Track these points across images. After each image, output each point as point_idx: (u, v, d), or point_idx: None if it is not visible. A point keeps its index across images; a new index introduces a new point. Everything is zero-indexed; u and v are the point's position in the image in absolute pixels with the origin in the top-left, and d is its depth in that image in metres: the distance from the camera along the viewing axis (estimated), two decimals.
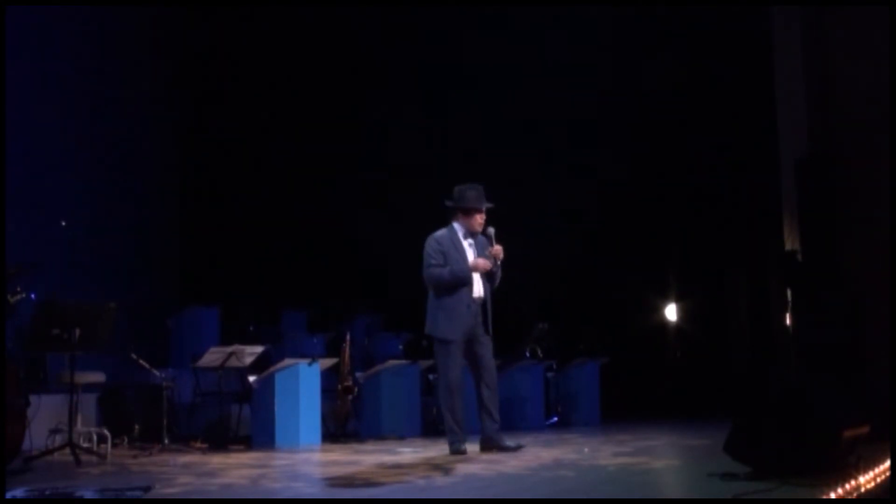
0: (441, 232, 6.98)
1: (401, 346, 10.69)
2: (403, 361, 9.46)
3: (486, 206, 6.98)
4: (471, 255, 6.93)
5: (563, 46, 12.92)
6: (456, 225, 7.00)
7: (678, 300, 13.51)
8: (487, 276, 6.98)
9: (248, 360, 8.27)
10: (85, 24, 10.88)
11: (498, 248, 6.92)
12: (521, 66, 13.20)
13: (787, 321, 8.66)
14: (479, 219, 6.97)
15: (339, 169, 13.37)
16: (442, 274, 6.81)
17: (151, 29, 11.81)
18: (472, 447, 6.81)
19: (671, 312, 13.57)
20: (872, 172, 8.17)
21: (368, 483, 5.24)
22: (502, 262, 6.97)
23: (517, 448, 6.82)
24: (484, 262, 6.88)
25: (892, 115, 7.83)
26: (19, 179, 9.21)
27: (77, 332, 6.62)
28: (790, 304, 8.59)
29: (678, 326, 13.55)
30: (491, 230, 6.95)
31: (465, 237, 6.95)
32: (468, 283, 6.84)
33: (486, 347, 6.92)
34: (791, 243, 8.89)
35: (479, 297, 6.91)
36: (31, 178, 9.70)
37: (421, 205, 7.11)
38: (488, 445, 6.83)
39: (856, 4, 8.45)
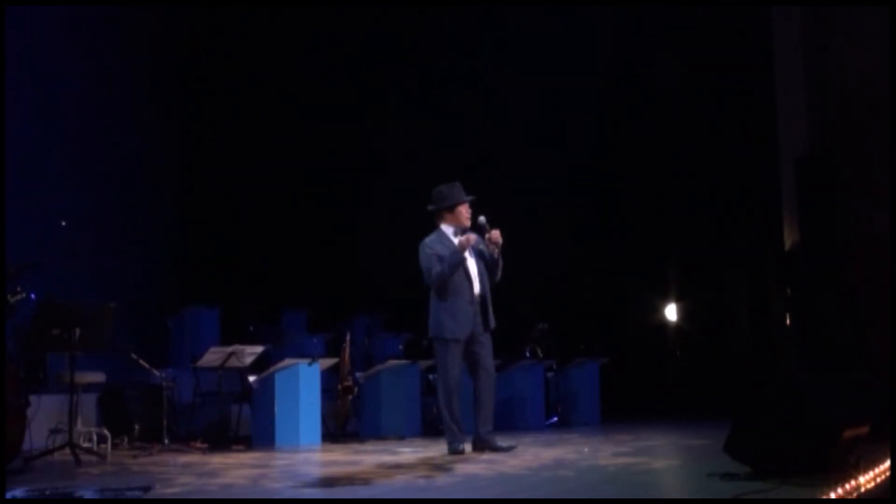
0: (430, 237, 6.94)
1: (401, 346, 10.68)
2: (403, 361, 9.46)
3: (467, 198, 6.94)
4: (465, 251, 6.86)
5: (562, 46, 12.92)
6: (443, 227, 6.96)
7: (678, 300, 13.51)
8: (490, 269, 6.94)
9: (248, 360, 8.27)
10: (86, 23, 10.86)
11: (496, 233, 6.81)
12: (521, 67, 13.20)
13: (787, 321, 8.66)
14: (465, 211, 6.92)
15: (339, 169, 13.36)
16: (441, 270, 6.75)
17: (153, 27, 11.79)
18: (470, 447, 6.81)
19: (671, 312, 13.57)
20: (872, 172, 8.16)
21: (368, 483, 5.23)
22: (503, 249, 6.84)
23: (509, 449, 6.79)
24: (466, 238, 6.79)
25: (892, 115, 7.82)
26: (19, 179, 9.19)
27: (77, 332, 6.62)
28: (790, 303, 8.59)
29: (678, 326, 13.55)
30: (482, 219, 6.86)
31: (455, 235, 6.89)
32: (463, 264, 6.77)
33: (485, 347, 6.89)
34: (791, 243, 8.89)
35: (479, 294, 6.88)
36: (31, 178, 9.68)
37: (421, 205, 7.08)
38: (480, 446, 6.81)
39: (856, 4, 8.44)
